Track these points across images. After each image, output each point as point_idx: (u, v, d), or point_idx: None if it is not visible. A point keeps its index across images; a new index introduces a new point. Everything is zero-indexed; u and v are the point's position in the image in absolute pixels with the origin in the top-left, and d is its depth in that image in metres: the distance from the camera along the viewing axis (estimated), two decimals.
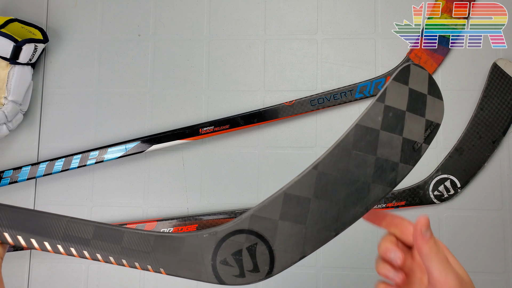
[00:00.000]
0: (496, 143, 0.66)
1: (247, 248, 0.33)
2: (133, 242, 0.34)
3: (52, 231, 0.34)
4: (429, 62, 0.69)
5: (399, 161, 0.34)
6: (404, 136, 0.34)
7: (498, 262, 0.66)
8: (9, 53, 0.65)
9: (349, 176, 0.33)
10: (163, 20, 0.74)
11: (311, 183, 0.33)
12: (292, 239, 0.33)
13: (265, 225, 0.34)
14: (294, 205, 0.33)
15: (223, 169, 0.71)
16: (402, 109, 0.34)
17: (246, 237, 0.33)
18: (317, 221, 0.33)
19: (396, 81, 0.34)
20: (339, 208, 0.33)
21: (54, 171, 0.68)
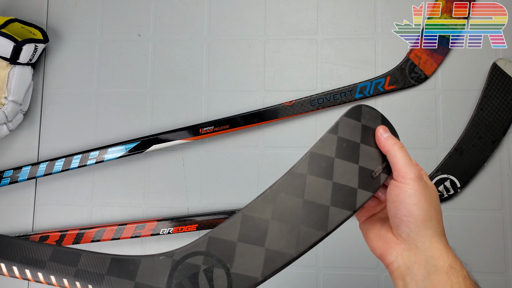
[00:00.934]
0: (496, 143, 0.66)
1: (204, 270, 0.33)
2: (89, 264, 0.33)
3: (11, 253, 0.33)
4: (429, 62, 0.69)
5: (357, 187, 0.35)
6: (361, 165, 0.35)
7: (498, 262, 0.66)
8: (9, 53, 0.65)
9: (306, 199, 0.34)
10: (163, 20, 0.74)
11: (269, 205, 0.34)
12: (251, 261, 0.33)
13: (223, 247, 0.33)
14: (253, 226, 0.33)
15: (223, 169, 0.71)
16: (356, 141, 0.36)
17: (203, 259, 0.33)
18: (276, 243, 0.33)
19: (348, 117, 0.36)
20: (299, 230, 0.33)
21: (54, 171, 0.69)
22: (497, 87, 0.67)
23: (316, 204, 0.34)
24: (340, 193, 0.34)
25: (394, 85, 0.69)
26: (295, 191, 0.34)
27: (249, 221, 0.33)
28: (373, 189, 0.35)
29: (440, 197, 0.66)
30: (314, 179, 0.34)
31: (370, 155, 0.36)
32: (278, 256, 0.33)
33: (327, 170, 0.34)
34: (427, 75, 0.69)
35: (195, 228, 0.67)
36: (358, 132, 0.36)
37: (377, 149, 0.36)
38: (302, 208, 0.34)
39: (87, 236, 0.67)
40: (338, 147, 0.35)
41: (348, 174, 0.35)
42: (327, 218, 0.34)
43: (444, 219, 0.68)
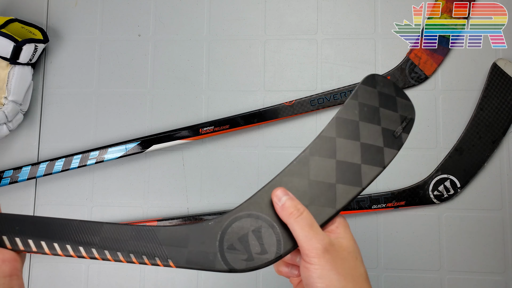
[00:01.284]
0: (496, 143, 0.66)
1: (253, 231, 0.34)
2: (140, 237, 0.34)
3: (63, 233, 0.34)
4: (429, 62, 0.69)
5: (383, 145, 0.37)
6: (383, 126, 0.38)
7: (498, 262, 0.66)
8: (9, 53, 0.65)
9: (339, 159, 0.36)
10: (163, 20, 0.74)
11: (305, 167, 0.36)
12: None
13: (268, 208, 0.35)
14: (292, 188, 0.36)
15: (223, 169, 0.71)
16: (376, 105, 0.38)
17: (250, 221, 0.35)
18: (317, 201, 0.35)
19: (364, 85, 0.39)
20: (336, 187, 0.36)
21: (54, 171, 0.69)
22: (497, 87, 0.67)
23: (349, 163, 0.36)
24: (369, 152, 0.37)
25: None
26: (327, 153, 0.37)
27: (288, 183, 0.36)
28: (397, 147, 0.37)
29: (440, 197, 0.66)
30: (343, 141, 0.37)
31: (389, 117, 0.38)
32: (320, 213, 0.35)
33: (353, 132, 0.37)
34: (427, 75, 0.69)
35: None
36: (376, 98, 0.38)
37: (395, 112, 0.38)
38: (336, 168, 0.36)
39: None
40: (360, 111, 0.38)
41: (373, 135, 0.37)
42: (360, 175, 0.36)
43: (444, 219, 0.68)
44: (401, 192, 0.67)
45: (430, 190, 0.67)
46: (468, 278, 0.66)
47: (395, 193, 0.67)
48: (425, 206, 0.67)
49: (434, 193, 0.66)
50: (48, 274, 0.71)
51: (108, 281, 0.70)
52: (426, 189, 0.67)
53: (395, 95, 0.39)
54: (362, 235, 0.68)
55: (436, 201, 0.66)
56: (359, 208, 0.66)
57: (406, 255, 0.67)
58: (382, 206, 0.66)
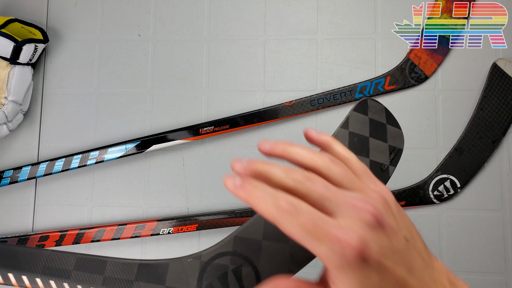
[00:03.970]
0: (496, 143, 0.66)
1: (233, 270, 0.33)
2: (116, 271, 0.33)
3: (32, 264, 0.32)
4: (429, 62, 0.69)
5: None
6: (371, 159, 0.36)
7: (498, 262, 0.66)
8: (9, 53, 0.65)
9: None
10: (163, 20, 0.74)
11: None
12: (277, 258, 0.33)
13: (249, 246, 0.33)
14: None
15: (223, 169, 0.71)
16: (366, 135, 0.37)
17: (231, 259, 0.33)
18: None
19: (356, 112, 0.37)
20: None
21: (54, 171, 0.69)
22: (497, 87, 0.67)
23: None
24: None
25: (394, 85, 0.69)
26: None
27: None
28: (383, 181, 0.36)
29: (440, 197, 0.66)
30: None
31: (378, 148, 0.37)
32: (302, 251, 0.33)
33: None
34: (427, 75, 0.69)
35: (195, 228, 0.67)
36: (367, 126, 0.37)
37: (384, 142, 0.37)
38: None
39: (87, 236, 0.67)
40: (350, 142, 0.36)
41: None
42: None
43: (444, 219, 0.68)
44: (401, 192, 0.67)
45: (430, 190, 0.67)
46: (468, 278, 0.66)
47: (395, 193, 0.67)
48: (425, 206, 0.67)
49: (434, 193, 0.66)
50: None
51: None
52: (426, 189, 0.67)
53: (386, 122, 0.38)
54: None
55: (436, 201, 0.66)
56: None
57: None
58: None
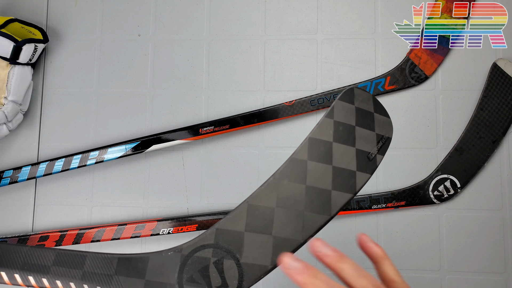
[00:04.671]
0: (496, 143, 0.66)
1: (214, 263, 0.33)
2: (95, 266, 0.32)
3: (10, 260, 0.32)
4: (429, 62, 0.69)
5: (356, 169, 0.35)
6: (357, 148, 0.36)
7: (498, 262, 0.66)
8: (9, 53, 0.65)
9: (308, 184, 0.34)
10: (163, 20, 0.74)
11: (273, 193, 0.34)
12: (259, 250, 0.33)
13: (231, 238, 0.33)
14: (259, 215, 0.34)
15: (223, 169, 0.71)
16: (352, 124, 0.36)
17: (212, 252, 0.33)
18: (283, 230, 0.33)
19: (342, 101, 0.37)
20: (304, 216, 0.34)
21: (54, 171, 0.68)
22: (497, 87, 0.67)
23: (319, 189, 0.34)
24: (340, 176, 0.35)
25: (394, 85, 0.69)
26: (297, 178, 0.34)
27: (255, 210, 0.34)
28: (370, 171, 0.36)
29: (440, 197, 0.66)
30: (315, 164, 0.35)
31: (365, 137, 0.36)
32: (286, 243, 0.33)
33: (326, 154, 0.35)
34: (427, 75, 0.69)
35: (195, 228, 0.67)
36: (353, 115, 0.37)
37: (371, 130, 0.37)
38: (305, 194, 0.34)
39: (87, 236, 0.67)
40: (335, 131, 0.36)
41: (346, 158, 0.35)
42: (330, 202, 0.34)
43: (444, 219, 0.68)
44: (401, 192, 0.67)
45: (430, 190, 0.67)
46: (468, 278, 0.66)
47: (395, 193, 0.66)
48: (425, 206, 0.67)
49: (434, 193, 0.66)
50: None
51: None
52: (426, 189, 0.67)
53: (373, 111, 0.37)
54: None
55: (436, 201, 0.66)
56: (359, 208, 0.66)
57: (406, 255, 0.67)
58: (382, 206, 0.66)
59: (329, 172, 0.35)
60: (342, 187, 0.35)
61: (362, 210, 0.66)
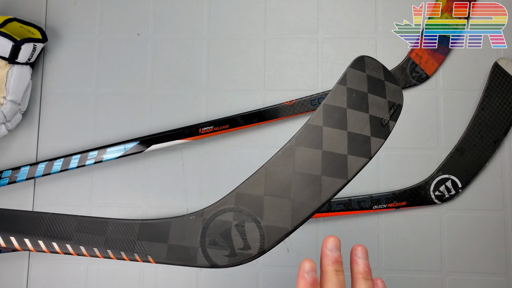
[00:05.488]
0: (497, 143, 0.66)
1: (236, 226, 0.33)
2: (117, 232, 0.33)
3: (34, 228, 0.33)
4: (430, 62, 0.68)
5: (370, 134, 0.36)
6: (371, 114, 0.37)
7: (499, 262, 0.65)
8: (8, 53, 0.64)
9: (324, 149, 0.35)
10: (162, 20, 0.74)
11: (290, 158, 0.35)
12: (279, 213, 0.34)
13: (251, 202, 0.34)
14: (277, 180, 0.35)
15: (223, 169, 0.70)
16: (364, 91, 0.37)
17: (233, 215, 0.34)
18: (301, 194, 0.34)
19: (353, 68, 0.38)
20: (322, 179, 0.35)
21: (53, 171, 0.68)
22: (498, 86, 0.66)
23: (335, 154, 0.35)
24: (356, 141, 0.36)
25: None
26: (313, 143, 0.36)
27: (273, 175, 0.35)
28: (384, 136, 0.36)
29: (441, 197, 0.66)
30: (330, 130, 0.36)
31: (377, 103, 0.37)
32: (305, 206, 0.34)
33: (340, 120, 0.36)
34: (428, 75, 0.68)
35: None
36: (365, 82, 0.37)
37: (383, 98, 0.38)
38: (321, 159, 0.35)
39: None
40: (348, 98, 0.37)
41: (360, 123, 0.36)
42: (346, 166, 0.35)
43: (445, 220, 0.68)
44: (402, 193, 0.66)
45: (431, 191, 0.66)
46: (469, 278, 0.65)
47: (396, 194, 0.66)
48: (426, 206, 0.67)
49: (436, 193, 0.66)
50: (47, 274, 0.71)
51: (107, 282, 0.70)
52: (427, 190, 0.66)
53: (384, 79, 0.38)
54: (363, 236, 0.67)
55: (438, 202, 0.66)
56: (360, 209, 0.66)
57: (407, 255, 0.67)
58: (383, 207, 0.66)
59: (344, 137, 0.35)
60: (358, 151, 0.35)
61: (363, 211, 0.66)
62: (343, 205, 0.66)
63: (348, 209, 0.66)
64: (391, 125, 0.37)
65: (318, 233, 0.68)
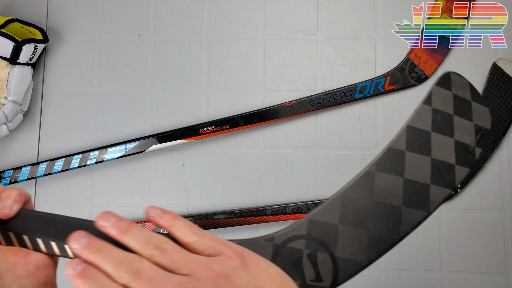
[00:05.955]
0: (496, 143, 0.66)
1: (307, 255, 0.31)
2: None
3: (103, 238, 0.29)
4: (429, 62, 0.69)
5: (455, 163, 0.33)
6: (456, 139, 0.33)
7: (498, 262, 0.66)
8: (9, 53, 0.65)
9: (406, 177, 0.32)
10: (163, 20, 0.74)
11: (369, 185, 0.32)
12: (355, 244, 0.31)
13: (325, 230, 0.31)
14: (353, 208, 0.32)
15: (223, 169, 0.71)
16: (450, 113, 0.34)
17: (305, 243, 0.31)
18: (379, 226, 0.31)
19: (439, 86, 0.34)
20: (401, 210, 0.32)
21: (54, 171, 0.68)
22: (497, 87, 0.66)
23: (417, 183, 0.32)
24: (439, 170, 0.33)
25: (394, 85, 0.69)
26: (395, 169, 0.32)
27: (349, 202, 0.32)
28: (470, 165, 0.33)
29: None
30: (413, 155, 0.33)
31: (463, 127, 0.34)
32: (382, 240, 0.31)
33: (424, 145, 0.33)
34: (427, 75, 0.69)
35: None
36: (451, 103, 0.34)
37: (469, 120, 0.34)
38: (403, 188, 0.32)
39: None
40: (433, 120, 0.33)
41: (445, 149, 0.33)
42: (429, 197, 0.32)
43: (444, 219, 0.68)
44: None
45: None
46: (468, 278, 0.66)
47: None
48: None
49: None
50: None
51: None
52: None
53: (470, 98, 0.35)
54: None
55: None
56: None
57: (406, 255, 0.67)
58: None
59: (427, 164, 0.32)
60: (441, 181, 0.32)
61: None
62: None
63: None
64: (478, 152, 0.34)
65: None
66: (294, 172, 0.69)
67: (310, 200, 0.67)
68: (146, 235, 0.27)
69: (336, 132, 0.69)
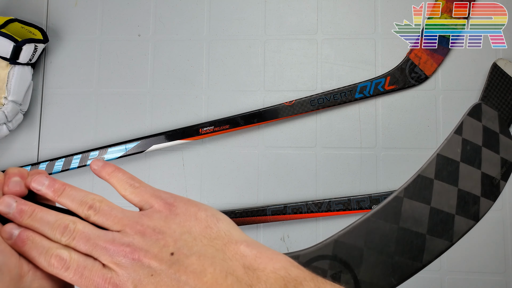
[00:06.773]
0: None
1: (332, 275, 0.31)
2: None
3: None
4: (429, 62, 0.69)
5: (481, 194, 0.33)
6: (483, 171, 0.34)
7: (498, 262, 0.66)
8: (9, 53, 0.65)
9: (433, 205, 0.33)
10: (163, 20, 0.74)
11: (396, 210, 0.32)
12: (378, 268, 0.31)
13: (350, 252, 0.32)
14: (378, 233, 0.32)
15: (223, 169, 0.71)
16: (479, 144, 0.34)
17: (329, 264, 0.31)
18: (403, 252, 0.32)
19: (471, 117, 0.35)
20: (425, 238, 0.32)
21: (54, 171, 0.68)
22: (497, 87, 0.66)
23: (443, 212, 0.33)
24: (465, 200, 0.33)
25: (394, 85, 0.69)
26: (422, 197, 0.33)
27: (376, 226, 0.32)
28: (494, 197, 0.34)
29: None
30: (441, 184, 0.33)
31: (491, 159, 0.35)
32: (405, 266, 0.32)
33: (453, 175, 0.33)
34: (427, 75, 0.69)
35: None
36: (480, 134, 0.35)
37: (496, 153, 0.35)
38: (428, 216, 0.33)
39: None
40: (463, 150, 0.34)
41: (472, 180, 0.34)
42: (453, 227, 0.33)
43: None
44: None
45: None
46: (468, 278, 0.66)
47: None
48: None
49: None
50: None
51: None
52: None
53: (499, 131, 0.35)
54: None
55: None
56: (359, 208, 0.66)
57: None
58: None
59: (454, 194, 0.33)
60: (466, 212, 0.33)
61: (362, 210, 0.66)
62: (342, 204, 0.66)
63: (348, 209, 0.66)
64: (502, 185, 0.34)
65: (317, 233, 0.68)
66: (294, 172, 0.69)
67: (310, 200, 0.67)
68: (81, 195, 0.29)
69: (336, 132, 0.69)
